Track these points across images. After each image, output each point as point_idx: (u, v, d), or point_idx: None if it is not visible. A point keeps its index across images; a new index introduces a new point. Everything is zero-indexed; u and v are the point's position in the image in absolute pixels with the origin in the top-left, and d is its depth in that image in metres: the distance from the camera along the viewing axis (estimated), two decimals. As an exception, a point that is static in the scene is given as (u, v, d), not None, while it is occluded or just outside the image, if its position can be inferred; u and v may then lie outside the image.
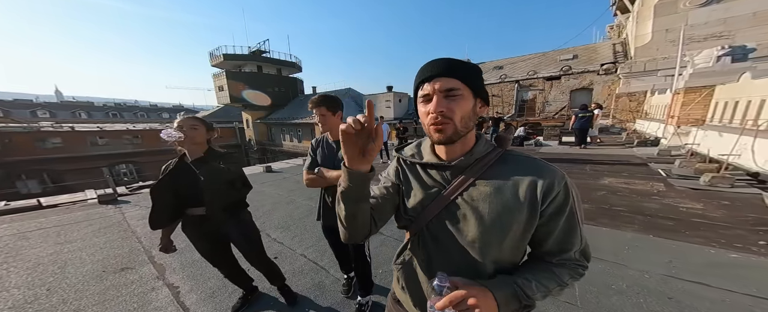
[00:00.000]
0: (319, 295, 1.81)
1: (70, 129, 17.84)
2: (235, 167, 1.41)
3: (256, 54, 23.90)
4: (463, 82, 0.54)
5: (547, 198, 0.54)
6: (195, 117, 1.34)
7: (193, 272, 2.09)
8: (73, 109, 35.52)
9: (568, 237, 0.56)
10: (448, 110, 0.53)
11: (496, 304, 0.49)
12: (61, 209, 4.06)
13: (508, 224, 0.55)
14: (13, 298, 1.84)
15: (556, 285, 0.55)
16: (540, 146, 8.61)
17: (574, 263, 0.57)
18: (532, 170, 0.56)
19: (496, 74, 16.81)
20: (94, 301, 1.77)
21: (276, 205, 3.80)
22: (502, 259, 0.58)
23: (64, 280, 2.04)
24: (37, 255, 2.49)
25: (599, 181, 4.23)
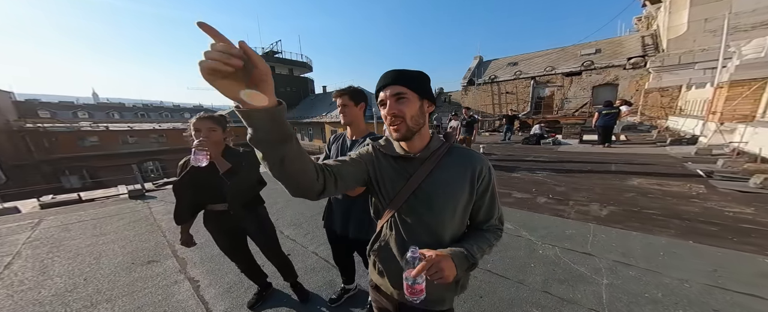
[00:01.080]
0: (330, 293, 1.81)
1: (105, 128, 19.32)
2: (255, 168, 1.46)
3: (269, 55, 24.58)
4: (408, 87, 0.67)
5: (479, 178, 0.71)
6: (210, 117, 1.34)
7: (212, 267, 2.17)
8: (107, 110, 38.30)
9: (491, 208, 0.75)
10: (398, 111, 0.66)
11: (454, 264, 0.62)
12: (97, 203, 4.38)
13: (458, 202, 0.70)
14: (56, 286, 1.99)
15: (487, 245, 0.72)
16: (558, 145, 8.19)
17: (495, 228, 0.77)
18: (469, 159, 0.73)
19: (510, 71, 16.18)
20: (123, 292, 1.87)
21: (288, 203, 3.87)
22: (455, 232, 0.73)
23: (99, 270, 2.18)
24: (77, 246, 2.69)
25: (626, 182, 3.95)
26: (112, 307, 1.72)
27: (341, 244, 1.56)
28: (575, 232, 2.56)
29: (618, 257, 2.09)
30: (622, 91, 12.23)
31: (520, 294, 1.75)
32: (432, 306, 0.75)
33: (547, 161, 5.94)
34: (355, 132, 1.35)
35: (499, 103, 16.39)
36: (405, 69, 0.69)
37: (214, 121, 1.32)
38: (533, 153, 7.05)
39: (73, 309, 1.71)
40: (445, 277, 0.59)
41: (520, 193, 3.79)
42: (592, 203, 3.26)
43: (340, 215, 1.40)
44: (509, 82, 15.78)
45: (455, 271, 0.61)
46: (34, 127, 16.89)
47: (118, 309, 1.70)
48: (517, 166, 5.61)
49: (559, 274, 1.95)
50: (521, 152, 7.32)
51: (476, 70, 17.99)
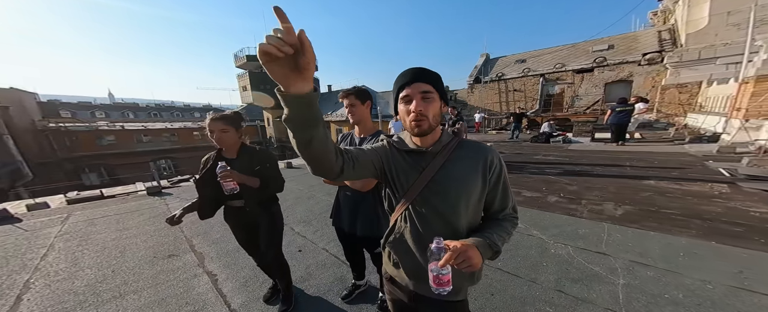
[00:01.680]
0: (341, 288, 1.84)
1: (121, 128, 20.03)
2: (270, 167, 1.47)
3: None
4: (433, 86, 0.69)
5: (490, 168, 0.73)
6: (222, 118, 1.34)
7: (228, 262, 2.24)
8: (123, 109, 39.64)
9: (505, 197, 0.77)
10: (425, 109, 0.68)
11: (479, 253, 0.63)
12: (118, 199, 4.58)
13: (471, 193, 0.72)
14: (87, 276, 2.10)
15: (506, 233, 0.74)
16: (569, 143, 8.01)
17: (511, 216, 0.78)
18: (479, 151, 0.75)
19: (518, 68, 15.87)
20: (148, 284, 1.97)
21: (298, 200, 3.95)
22: (470, 223, 0.75)
23: (124, 263, 2.29)
24: (103, 240, 2.82)
25: (642, 181, 3.85)
26: (139, 298, 1.81)
27: (350, 241, 1.59)
28: (589, 232, 2.52)
29: (635, 257, 2.05)
30: (637, 88, 11.82)
31: (532, 292, 1.74)
32: (448, 296, 0.75)
33: (557, 160, 5.82)
34: (363, 130, 1.37)
35: (507, 101, 16.12)
36: (424, 68, 0.71)
37: (225, 121, 1.33)
38: (543, 151, 6.92)
39: (104, 299, 1.81)
40: (474, 266, 0.59)
41: (530, 192, 3.74)
42: (606, 202, 3.19)
43: (347, 213, 1.42)
44: (517, 80, 15.48)
45: (480, 259, 0.62)
46: (56, 126, 17.68)
47: (143, 300, 1.79)
48: (526, 164, 5.52)
49: (572, 273, 1.92)
50: (530, 151, 7.20)
51: (483, 68, 17.71)
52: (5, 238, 2.93)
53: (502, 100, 16.28)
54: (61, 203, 4.55)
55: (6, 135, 13.92)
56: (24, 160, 14.63)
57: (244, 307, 1.70)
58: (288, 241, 2.62)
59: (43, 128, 17.19)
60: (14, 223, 3.44)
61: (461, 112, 6.98)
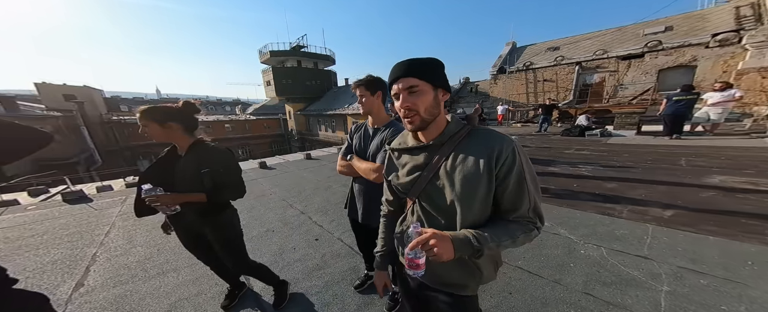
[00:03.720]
0: (354, 278, 1.89)
1: None
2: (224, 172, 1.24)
3: (296, 49, 25.30)
4: (420, 79, 0.65)
5: (499, 162, 0.65)
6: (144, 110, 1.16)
7: (252, 247, 2.38)
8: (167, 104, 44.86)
9: (518, 197, 0.66)
10: (412, 104, 0.66)
11: (452, 246, 0.61)
12: (164, 185, 5.15)
13: (475, 188, 0.66)
14: (138, 253, 2.40)
15: (507, 238, 0.65)
16: (608, 137, 7.19)
17: (526, 220, 0.68)
18: (489, 141, 0.67)
19: (550, 56, 14.46)
20: (185, 264, 2.18)
21: (316, 190, 4.04)
22: (475, 219, 0.68)
23: (167, 243, 2.57)
24: (151, 221, 3.16)
25: (704, 180, 3.34)
26: (178, 275, 2.03)
27: (363, 232, 1.60)
28: (628, 233, 2.27)
29: (685, 263, 1.81)
30: (702, 73, 10.11)
31: (555, 293, 1.63)
32: (454, 290, 0.76)
33: (593, 155, 5.28)
34: (376, 121, 1.33)
35: (535, 91, 14.87)
36: (416, 58, 0.67)
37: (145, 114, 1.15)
38: (575, 145, 6.32)
39: (150, 274, 2.05)
40: (438, 254, 0.59)
41: (559, 189, 3.46)
42: (652, 202, 2.84)
43: (361, 204, 1.42)
44: (548, 69, 14.13)
45: (452, 252, 0.61)
46: (117, 119, 20.26)
47: (182, 278, 1.99)
48: (555, 159, 5.09)
49: (604, 276, 1.76)
50: (560, 144, 6.61)
51: (508, 57, 16.46)
52: (80, 216, 3.45)
53: (529, 90, 15.07)
54: (121, 186, 5.23)
55: (82, 126, 16.34)
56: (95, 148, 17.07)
57: (264, 290, 1.81)
58: (306, 230, 2.75)
59: (108, 121, 19.80)
60: (87, 202, 4.04)
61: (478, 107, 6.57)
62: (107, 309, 1.66)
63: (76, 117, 16.18)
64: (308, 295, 1.75)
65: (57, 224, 3.13)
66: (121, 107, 32.57)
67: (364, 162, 1.28)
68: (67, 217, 3.38)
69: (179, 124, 1.20)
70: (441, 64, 0.69)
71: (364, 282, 1.80)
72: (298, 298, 1.73)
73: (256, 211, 3.28)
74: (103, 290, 1.85)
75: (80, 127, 16.27)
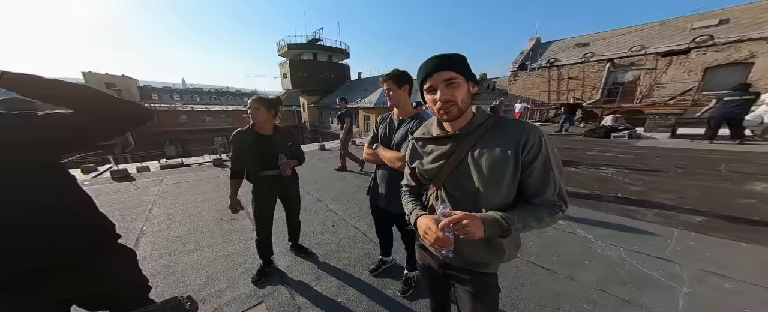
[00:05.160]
0: (368, 263, 1.99)
1: (191, 109, 23.68)
2: (295, 145, 1.80)
3: (312, 42, 25.41)
4: (457, 72, 0.69)
5: (525, 148, 0.69)
6: (259, 98, 1.60)
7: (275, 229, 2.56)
8: (191, 93, 46.92)
9: (543, 181, 0.70)
10: (451, 96, 0.69)
11: (482, 225, 0.65)
12: (193, 168, 5.54)
13: (502, 174, 0.69)
14: (177, 230, 2.65)
15: (534, 220, 0.69)
16: (637, 139, 6.75)
17: (551, 203, 0.71)
18: (515, 129, 0.71)
19: (577, 53, 13.59)
20: (218, 241, 2.40)
21: (330, 180, 4.23)
22: (501, 204, 0.72)
23: (201, 221, 2.83)
24: (186, 201, 3.50)
25: (743, 187, 3.13)
26: (212, 251, 2.23)
27: (382, 217, 1.68)
28: (650, 236, 2.22)
29: (711, 267, 1.76)
30: (759, 72, 9.07)
31: (568, 288, 1.66)
32: (476, 267, 0.80)
33: (618, 157, 5.03)
34: (402, 113, 1.39)
35: (558, 89, 14.08)
36: (445, 54, 0.71)
37: (259, 101, 1.60)
38: (599, 147, 6.02)
39: (188, 249, 2.28)
40: (471, 234, 0.63)
41: (578, 189, 3.37)
42: (681, 207, 2.72)
43: (384, 190, 1.48)
44: (574, 66, 13.29)
45: (482, 231, 0.64)
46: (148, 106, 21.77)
47: (215, 253, 2.20)
48: (576, 160, 4.91)
49: (621, 275, 1.76)
50: (582, 145, 6.33)
51: (531, 54, 15.64)
52: (127, 192, 3.84)
53: (551, 88, 14.28)
54: (156, 168, 5.70)
55: None
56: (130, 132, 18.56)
57: (288, 269, 1.97)
58: (323, 216, 2.90)
59: (141, 108, 21.40)
60: (131, 181, 4.47)
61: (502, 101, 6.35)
62: (158, 277, 1.88)
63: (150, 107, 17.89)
64: (327, 276, 1.89)
65: (109, 199, 3.52)
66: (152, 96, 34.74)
67: (389, 151, 1.35)
68: (116, 194, 3.77)
69: (274, 111, 1.65)
70: (467, 59, 0.73)
71: (379, 267, 1.91)
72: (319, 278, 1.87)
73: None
74: (152, 260, 2.10)
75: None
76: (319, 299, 1.67)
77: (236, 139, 1.66)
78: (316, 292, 1.73)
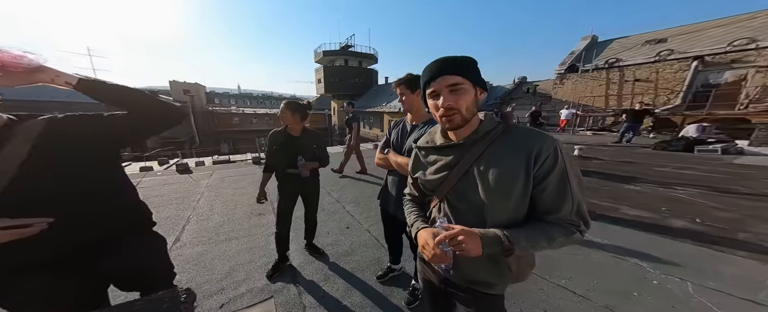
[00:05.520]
0: (377, 269, 1.96)
1: (242, 112, 26.89)
2: (319, 148, 1.89)
3: (344, 48, 26.61)
4: (463, 77, 0.63)
5: (538, 161, 0.62)
6: (287, 103, 1.75)
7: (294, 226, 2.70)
8: (244, 98, 54.03)
9: (559, 196, 0.63)
10: (454, 103, 0.64)
11: (480, 243, 0.60)
12: (237, 164, 6.22)
13: (510, 188, 0.63)
14: (215, 220, 2.99)
15: (544, 239, 0.62)
16: (736, 155, 5.32)
17: (567, 222, 0.63)
18: (527, 139, 0.64)
19: (648, 51, 11.48)
20: (244, 234, 2.63)
21: (350, 183, 4.29)
22: (509, 219, 0.66)
23: (235, 214, 3.15)
24: (226, 194, 3.95)
25: None
26: (238, 243, 2.45)
27: (392, 223, 1.65)
28: (737, 273, 1.74)
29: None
30: None
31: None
32: (479, 287, 0.75)
33: (702, 176, 4.07)
34: (416, 118, 1.36)
35: (619, 93, 12.05)
36: (452, 57, 0.65)
37: (287, 105, 1.77)
38: (675, 163, 4.95)
39: (220, 239, 2.54)
40: (467, 251, 0.60)
41: (637, 210, 2.84)
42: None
43: (395, 196, 1.46)
44: (644, 67, 11.21)
45: (480, 249, 0.60)
46: (212, 110, 25.24)
47: (240, 246, 2.41)
48: (639, 176, 4.13)
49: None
50: (650, 160, 5.27)
51: (584, 54, 13.71)
52: (184, 184, 4.49)
53: (611, 92, 12.30)
54: (210, 163, 6.57)
55: (191, 114, 21.08)
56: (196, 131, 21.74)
57: (301, 267, 2.06)
58: (340, 218, 2.96)
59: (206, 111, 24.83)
60: (189, 174, 5.22)
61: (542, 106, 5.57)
62: (189, 263, 2.14)
63: (188, 107, 20.92)
64: (335, 278, 1.92)
65: (171, 189, 4.16)
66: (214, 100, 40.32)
67: (400, 156, 1.33)
68: (176, 184, 4.45)
69: (301, 114, 1.80)
70: (477, 63, 0.66)
71: (387, 274, 1.87)
72: (328, 279, 1.91)
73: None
74: (190, 247, 2.40)
75: (189, 114, 21.03)
76: (325, 300, 1.70)
77: (271, 137, 1.87)
78: (323, 292, 1.77)
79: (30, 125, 0.76)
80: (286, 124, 1.82)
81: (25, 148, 0.71)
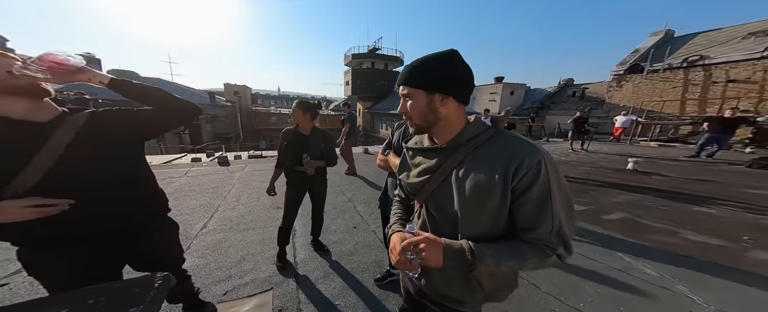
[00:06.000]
0: (376, 271, 1.94)
1: (279, 112, 29.26)
2: (328, 147, 1.95)
3: (372, 51, 27.01)
4: (410, 86, 0.65)
5: (517, 175, 0.58)
6: (297, 102, 1.86)
7: (303, 222, 2.77)
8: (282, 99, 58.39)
9: (537, 214, 0.58)
10: (405, 110, 0.68)
11: (442, 253, 0.59)
12: (267, 159, 6.72)
13: (485, 200, 0.60)
14: (239, 210, 3.27)
15: (513, 259, 0.58)
16: None
17: (544, 244, 0.59)
18: (511, 149, 0.60)
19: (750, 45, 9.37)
20: (260, 225, 2.82)
21: (365, 183, 4.31)
22: (483, 232, 0.62)
23: (257, 206, 3.40)
24: (253, 187, 4.29)
25: None
26: (253, 234, 2.64)
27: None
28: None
29: None
30: None
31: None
32: (450, 303, 0.72)
33: None
34: None
35: (703, 98, 10.02)
36: (412, 63, 0.66)
37: (297, 104, 1.87)
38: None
39: (239, 228, 2.77)
40: (425, 260, 0.59)
41: (705, 236, 2.38)
42: None
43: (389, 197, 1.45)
44: (742, 64, 9.13)
45: (440, 260, 0.59)
46: (255, 109, 27.94)
47: (255, 236, 2.60)
48: (715, 198, 3.41)
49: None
50: (736, 179, 4.31)
51: (653, 52, 11.70)
52: (222, 175, 5.00)
53: (690, 96, 10.30)
54: (246, 157, 7.23)
55: (238, 113, 23.61)
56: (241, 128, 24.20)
57: (304, 263, 2.14)
58: (349, 217, 3.00)
59: (250, 110, 27.52)
60: (227, 166, 5.81)
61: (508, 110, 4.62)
62: (210, 249, 2.36)
63: (236, 106, 23.41)
64: (334, 276, 1.95)
65: (210, 179, 4.67)
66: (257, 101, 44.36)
67: (398, 158, 1.30)
68: (216, 175, 4.98)
69: (311, 113, 1.89)
70: (446, 63, 0.62)
71: (385, 277, 1.85)
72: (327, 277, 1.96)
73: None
74: (214, 234, 2.66)
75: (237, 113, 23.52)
76: (320, 298, 1.74)
77: (283, 135, 1.96)
78: (320, 289, 1.82)
79: (77, 117, 0.90)
80: (297, 122, 1.89)
81: (70, 135, 0.85)
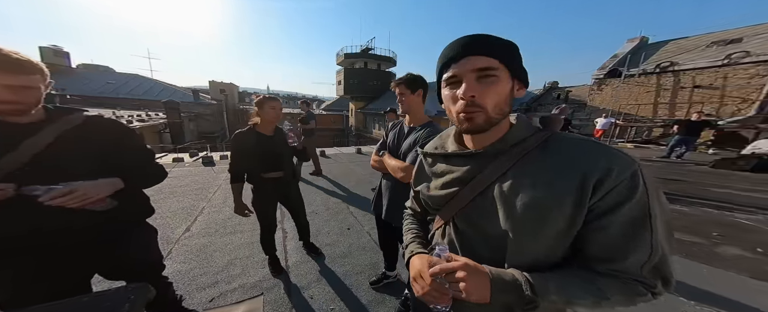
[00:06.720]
0: (371, 274, 1.90)
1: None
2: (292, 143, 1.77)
3: (365, 51, 27.05)
4: (500, 60, 0.46)
5: (599, 189, 0.43)
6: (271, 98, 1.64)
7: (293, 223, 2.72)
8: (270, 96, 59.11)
9: (627, 241, 0.43)
10: (480, 96, 0.46)
11: (489, 286, 0.45)
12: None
13: (546, 221, 0.46)
14: (225, 213, 3.09)
15: (588, 295, 0.44)
16: None
17: (634, 278, 0.44)
18: (585, 154, 0.45)
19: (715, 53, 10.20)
20: (249, 228, 2.66)
21: (359, 183, 4.25)
22: (536, 259, 0.48)
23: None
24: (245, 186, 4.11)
25: None
26: (241, 237, 2.52)
27: (385, 230, 1.61)
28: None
29: None
30: None
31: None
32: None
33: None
34: (414, 120, 1.31)
35: (672, 101, 10.80)
36: (482, 34, 0.47)
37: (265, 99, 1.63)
38: (739, 183, 4.30)
39: (226, 232, 2.63)
40: (466, 292, 0.44)
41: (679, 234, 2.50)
42: None
43: (386, 202, 1.42)
44: (707, 71, 9.91)
45: (486, 295, 0.44)
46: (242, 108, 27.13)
47: (243, 239, 2.48)
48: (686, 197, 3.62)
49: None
50: (703, 179, 4.59)
51: (629, 57, 12.50)
52: (206, 175, 4.78)
53: (661, 100, 11.07)
54: (232, 158, 6.99)
55: (224, 111, 22.89)
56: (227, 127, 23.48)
57: (296, 266, 2.06)
58: (342, 218, 2.94)
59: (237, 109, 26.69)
60: (212, 166, 5.56)
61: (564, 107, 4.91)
62: (193, 253, 2.23)
63: (222, 104, 22.70)
64: (327, 280, 1.89)
65: (194, 180, 4.45)
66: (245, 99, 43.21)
67: (393, 159, 1.29)
68: (199, 176, 4.75)
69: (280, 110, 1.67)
70: (518, 48, 0.50)
71: (380, 280, 1.81)
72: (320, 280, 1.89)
73: (307, 195, 3.69)
74: (198, 237, 2.52)
75: (223, 111, 22.77)
76: (314, 302, 1.68)
77: (237, 140, 1.55)
78: (312, 293, 1.75)
79: (72, 117, 0.88)
80: (268, 121, 1.60)
81: (54, 134, 0.82)
